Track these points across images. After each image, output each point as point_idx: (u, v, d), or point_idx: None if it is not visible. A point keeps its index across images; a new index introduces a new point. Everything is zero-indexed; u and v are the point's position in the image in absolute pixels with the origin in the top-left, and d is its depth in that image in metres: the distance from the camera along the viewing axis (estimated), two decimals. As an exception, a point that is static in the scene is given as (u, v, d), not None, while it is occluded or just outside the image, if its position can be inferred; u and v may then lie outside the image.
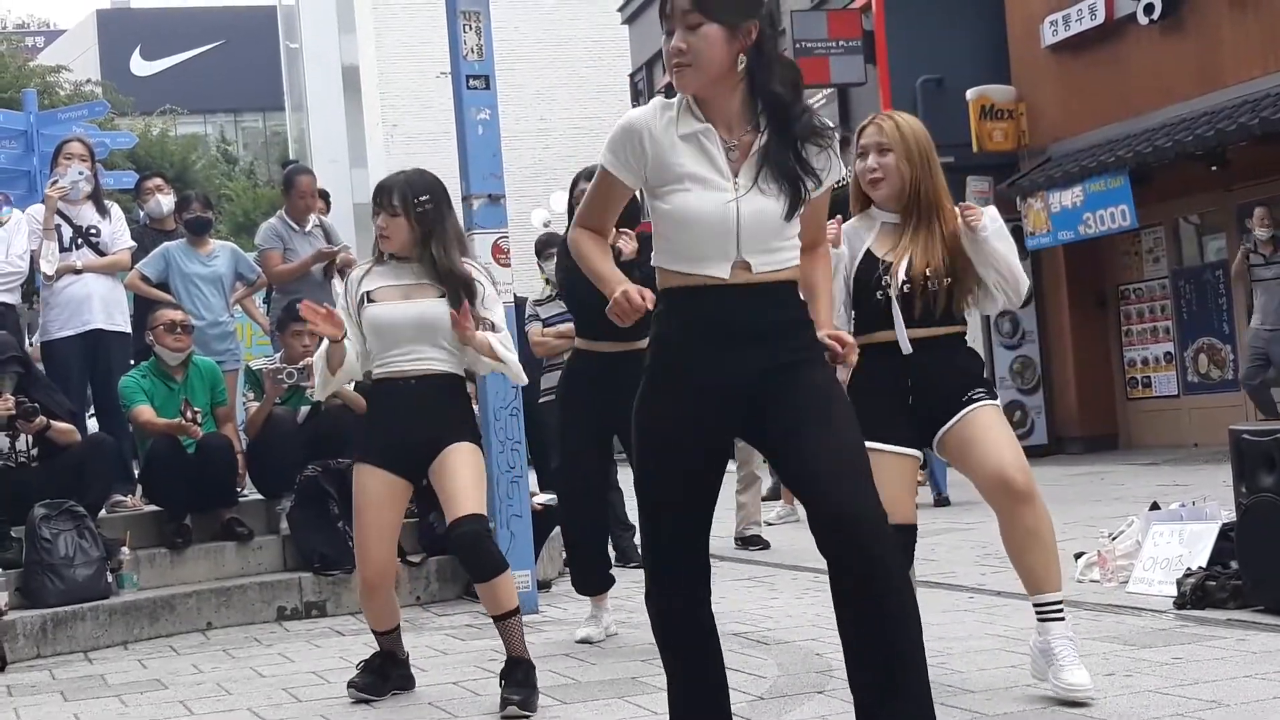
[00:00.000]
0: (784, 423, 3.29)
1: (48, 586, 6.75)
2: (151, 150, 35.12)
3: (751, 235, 3.26)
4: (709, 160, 3.28)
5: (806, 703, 4.51)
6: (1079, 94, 15.15)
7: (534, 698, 4.71)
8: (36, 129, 11.32)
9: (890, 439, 4.35)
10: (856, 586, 3.15)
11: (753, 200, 3.26)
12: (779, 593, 6.97)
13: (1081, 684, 4.18)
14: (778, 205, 3.27)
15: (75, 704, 5.39)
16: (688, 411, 3.32)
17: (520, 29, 32.45)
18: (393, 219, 4.99)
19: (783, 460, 3.36)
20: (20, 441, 7.10)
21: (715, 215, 3.25)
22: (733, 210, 3.25)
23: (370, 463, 4.96)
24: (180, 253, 8.87)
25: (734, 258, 3.26)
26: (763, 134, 3.30)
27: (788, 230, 3.32)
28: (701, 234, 3.26)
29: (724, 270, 3.26)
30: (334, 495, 7.44)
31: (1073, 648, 4.27)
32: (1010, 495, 4.30)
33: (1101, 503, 9.58)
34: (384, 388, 5.02)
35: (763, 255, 3.28)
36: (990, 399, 4.41)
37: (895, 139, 4.42)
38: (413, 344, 4.96)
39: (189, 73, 55.98)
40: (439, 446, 4.93)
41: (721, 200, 3.25)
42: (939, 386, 4.38)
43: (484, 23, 7.02)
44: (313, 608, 7.34)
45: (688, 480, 3.37)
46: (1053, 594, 4.34)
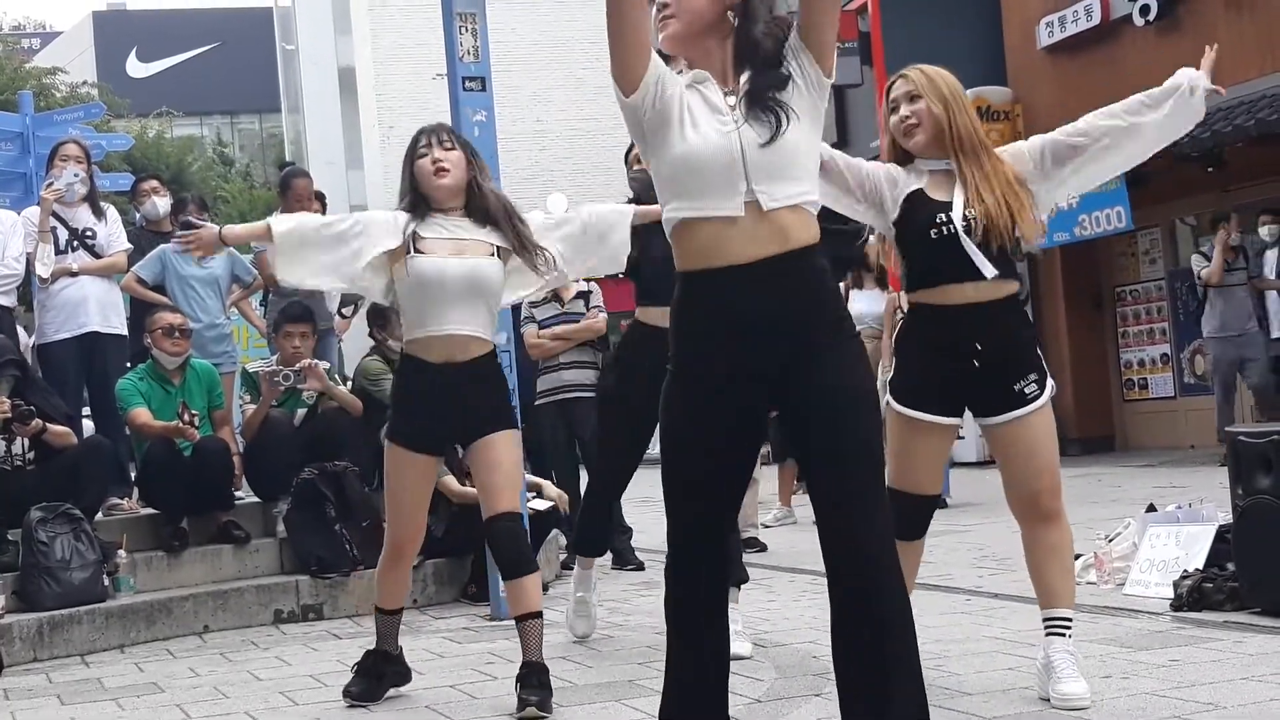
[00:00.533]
0: (806, 436, 3.29)
1: (44, 590, 6.74)
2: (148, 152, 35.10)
3: (756, 161, 3.25)
4: (708, 102, 3.32)
5: (804, 705, 4.51)
6: (1075, 95, 15.12)
7: (550, 700, 4.70)
8: (32, 131, 11.31)
9: (934, 408, 4.30)
10: (860, 627, 3.19)
11: (750, 132, 3.27)
12: (776, 595, 6.96)
13: (1075, 694, 4.17)
14: (771, 133, 3.27)
15: (72, 708, 5.38)
16: (713, 400, 3.30)
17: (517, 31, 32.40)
18: (449, 152, 4.91)
19: (806, 474, 3.36)
20: (16, 444, 7.09)
21: (718, 143, 3.26)
22: (735, 140, 3.27)
23: (401, 444, 4.91)
24: (176, 255, 8.86)
25: (743, 190, 3.25)
26: (745, 76, 3.34)
27: (796, 157, 3.30)
28: (708, 167, 3.26)
29: (736, 205, 3.24)
30: (330, 498, 7.45)
31: (1072, 661, 4.27)
32: (1037, 514, 4.33)
33: (1098, 504, 9.59)
34: (419, 368, 4.88)
35: (771, 185, 3.26)
36: (1041, 392, 4.30)
37: (924, 84, 4.35)
38: (458, 306, 4.82)
39: (185, 74, 55.92)
40: (476, 434, 4.90)
41: (721, 128, 3.28)
42: (994, 362, 4.25)
43: (480, 24, 7.01)
44: (310, 611, 7.33)
45: (713, 473, 3.35)
46: (1064, 610, 4.34)
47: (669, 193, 3.35)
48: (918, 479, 4.37)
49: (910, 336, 4.41)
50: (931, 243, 4.25)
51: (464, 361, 4.85)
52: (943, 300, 4.28)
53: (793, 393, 3.28)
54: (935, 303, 4.29)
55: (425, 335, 4.86)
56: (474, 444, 4.93)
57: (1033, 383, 4.30)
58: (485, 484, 4.92)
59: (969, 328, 4.24)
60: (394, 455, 4.95)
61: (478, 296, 4.85)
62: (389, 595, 5.17)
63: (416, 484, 4.97)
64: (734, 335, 3.27)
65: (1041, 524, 4.34)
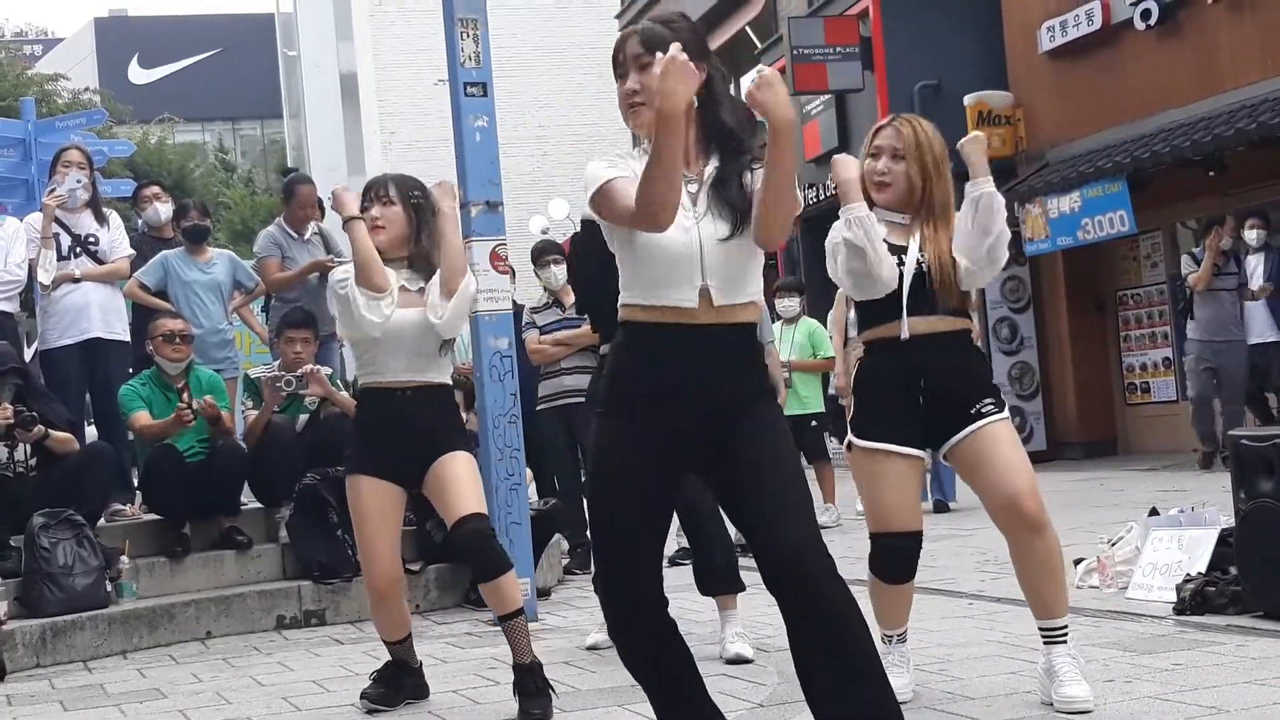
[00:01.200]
0: (737, 467, 3.36)
1: (47, 596, 6.74)
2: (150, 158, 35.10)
3: (713, 261, 3.34)
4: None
5: (805, 711, 4.48)
6: (1076, 100, 15.15)
7: (551, 706, 4.70)
8: (34, 137, 11.32)
9: (896, 439, 4.34)
10: (802, 622, 3.27)
11: (710, 226, 3.35)
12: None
13: (1078, 696, 4.18)
14: (730, 230, 3.35)
15: (74, 713, 5.38)
16: (640, 443, 3.39)
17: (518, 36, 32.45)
18: (388, 208, 4.97)
19: (731, 503, 3.45)
20: (19, 451, 7.10)
21: (679, 241, 3.33)
22: (695, 235, 3.34)
23: (364, 473, 4.93)
24: (179, 261, 8.86)
25: (699, 284, 3.33)
26: (713, 164, 3.40)
27: (747, 260, 3.40)
28: (667, 260, 3.33)
29: (691, 298, 3.33)
30: (333, 503, 7.44)
31: (1074, 664, 4.28)
32: (1021, 524, 4.31)
33: (1101, 508, 9.58)
34: (376, 397, 4.99)
35: (726, 284, 3.36)
36: (999, 412, 4.36)
37: (910, 146, 4.40)
38: (411, 353, 4.93)
39: (187, 81, 55.97)
40: (432, 456, 4.92)
41: (683, 226, 3.33)
42: (949, 390, 4.34)
43: (482, 30, 7.02)
44: (312, 616, 7.33)
45: (638, 505, 3.42)
46: (1060, 619, 4.34)
47: (626, 276, 3.43)
48: (892, 517, 4.39)
49: (866, 373, 4.49)
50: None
51: (421, 386, 4.95)
52: (891, 334, 4.37)
53: (722, 434, 3.36)
54: (885, 336, 4.39)
55: (382, 376, 4.96)
56: (429, 470, 4.93)
57: (990, 404, 4.37)
58: (444, 496, 4.92)
59: (916, 356, 4.34)
60: (359, 488, 4.94)
61: (431, 347, 4.95)
62: (389, 630, 5.14)
63: (386, 514, 4.94)
64: (666, 382, 3.36)
65: (1028, 533, 4.31)
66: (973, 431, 4.32)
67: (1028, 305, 16.12)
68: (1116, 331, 16.06)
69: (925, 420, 4.37)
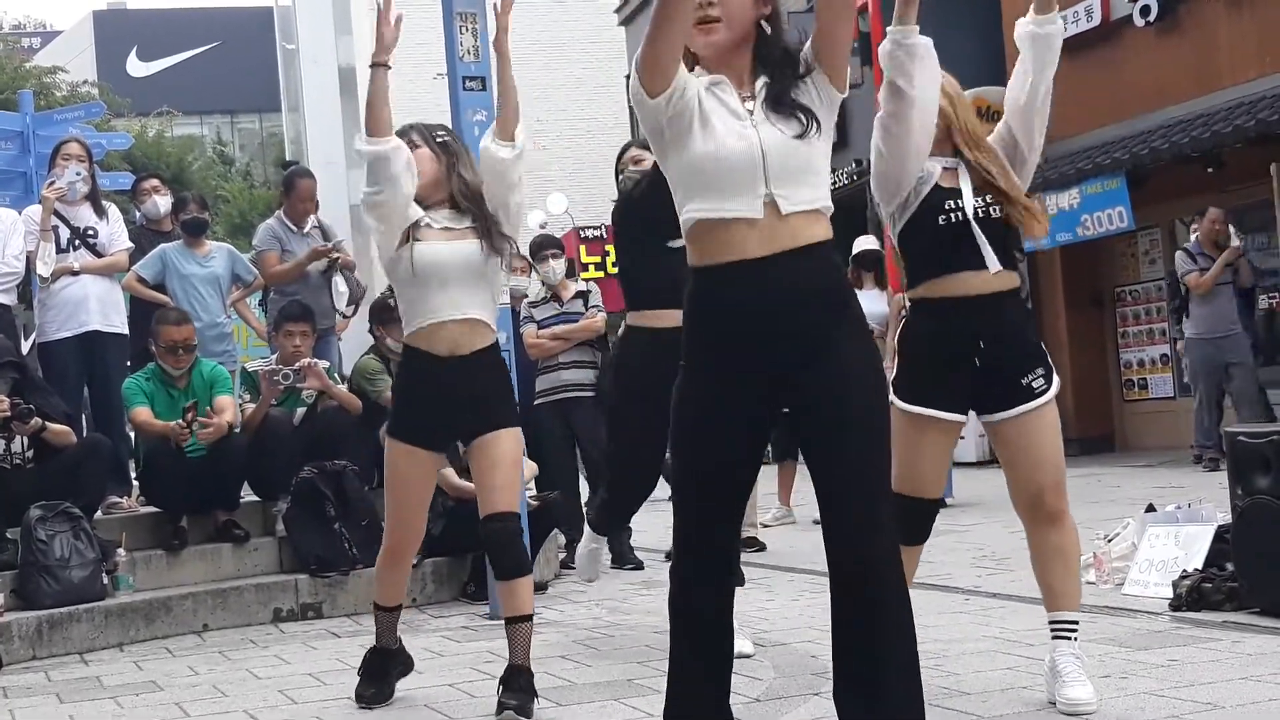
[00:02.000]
0: (815, 425, 3.30)
1: (43, 588, 6.74)
2: (148, 151, 35.08)
3: (776, 164, 3.28)
4: (725, 105, 3.35)
5: (802, 705, 4.51)
6: (1075, 96, 15.12)
7: (531, 704, 4.69)
8: (33, 130, 11.29)
9: (939, 404, 4.26)
10: (859, 613, 3.21)
11: (770, 130, 3.31)
12: (775, 595, 6.97)
13: (1081, 699, 4.16)
14: (793, 132, 3.31)
15: (71, 706, 5.38)
16: (725, 397, 3.31)
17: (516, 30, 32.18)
18: (416, 150, 4.89)
19: (810, 464, 3.37)
20: (16, 443, 7.10)
21: (738, 146, 3.29)
22: (754, 138, 3.29)
23: (402, 439, 4.88)
24: (177, 254, 8.86)
25: (762, 193, 3.26)
26: (763, 79, 3.38)
27: (812, 162, 3.34)
28: (728, 166, 3.28)
29: (755, 208, 3.26)
30: (330, 497, 7.45)
31: (1078, 665, 4.25)
32: (1041, 514, 4.30)
33: (1098, 504, 9.58)
34: (422, 362, 4.83)
35: (790, 188, 3.28)
36: (1048, 387, 4.28)
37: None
38: (457, 289, 4.80)
39: (185, 74, 55.93)
40: (479, 430, 4.85)
41: (741, 130, 3.30)
42: (1003, 356, 4.23)
43: (480, 24, 7.02)
44: (309, 609, 7.33)
45: (723, 467, 3.35)
46: (1070, 613, 4.32)
47: (686, 192, 3.36)
48: (921, 482, 4.33)
49: (913, 333, 4.38)
50: (938, 229, 4.23)
51: (469, 354, 4.81)
52: (945, 292, 4.25)
53: (805, 384, 3.28)
54: (938, 295, 4.27)
55: (429, 324, 4.81)
56: (475, 441, 4.89)
57: (1040, 376, 4.28)
58: (484, 483, 4.88)
59: (973, 320, 4.22)
60: (395, 451, 4.91)
61: (478, 279, 4.83)
62: (388, 593, 5.15)
63: (418, 482, 4.94)
64: (746, 329, 3.28)
65: (1046, 525, 4.30)
66: (1019, 414, 4.24)
67: (1026, 301, 16.09)
68: (1114, 328, 16.06)
69: (972, 383, 4.26)
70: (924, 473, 4.33)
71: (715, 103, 3.34)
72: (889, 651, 3.20)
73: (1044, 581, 4.37)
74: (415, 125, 5.06)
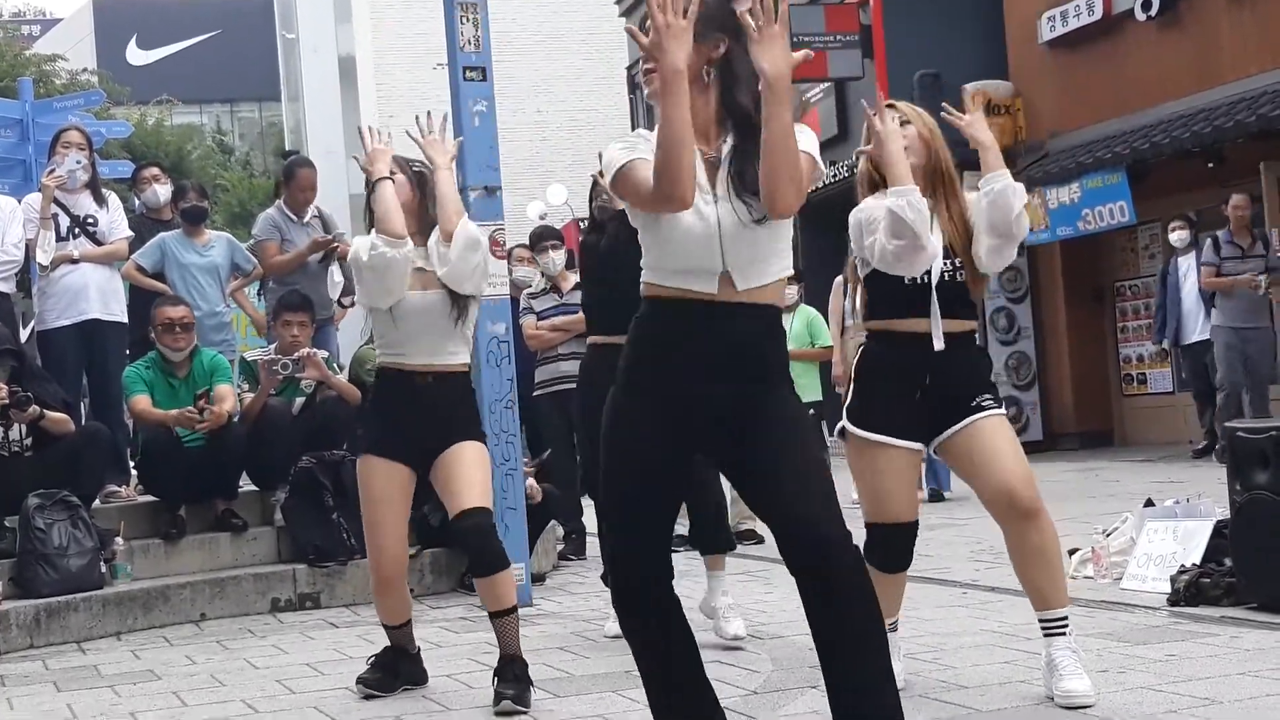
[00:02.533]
0: (757, 449, 3.34)
1: (41, 576, 6.74)
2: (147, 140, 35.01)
3: (733, 245, 3.30)
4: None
5: (800, 697, 4.51)
6: (1077, 90, 15.14)
7: (527, 693, 4.69)
8: (32, 118, 11.27)
9: (897, 432, 4.32)
10: (825, 601, 3.26)
11: (729, 210, 3.31)
12: (773, 587, 6.97)
13: (1078, 690, 4.16)
14: (750, 215, 3.30)
15: (68, 694, 5.38)
16: (654, 418, 3.36)
17: (517, 21, 32.38)
18: (395, 177, 4.92)
19: (751, 484, 3.42)
20: (14, 431, 7.09)
21: (697, 226, 3.29)
22: (713, 218, 3.30)
23: (376, 454, 4.91)
24: (176, 243, 8.85)
25: (719, 270, 3.30)
26: (728, 144, 3.36)
27: (770, 241, 3.36)
28: (686, 246, 3.30)
29: (711, 285, 3.30)
30: (328, 487, 7.45)
31: (1074, 657, 4.25)
32: (1016, 512, 4.28)
33: (1096, 499, 9.59)
34: (395, 379, 4.93)
35: (747, 267, 3.32)
36: (998, 407, 4.35)
37: (911, 113, 4.44)
38: (430, 334, 4.87)
39: (185, 62, 55.81)
40: (446, 444, 4.89)
41: (700, 211, 3.29)
42: (952, 386, 4.32)
43: (481, 14, 7.01)
44: (307, 599, 7.33)
45: (650, 487, 3.41)
46: (1058, 610, 4.32)
47: (648, 253, 3.39)
48: (889, 507, 4.36)
49: (869, 360, 4.45)
50: (903, 285, 4.31)
51: (444, 373, 4.91)
52: (903, 329, 4.35)
53: (742, 420, 3.33)
54: (896, 330, 4.37)
55: (404, 359, 4.91)
56: (438, 458, 4.90)
57: (988, 399, 4.35)
58: (449, 488, 4.88)
59: (928, 353, 4.30)
60: (369, 469, 4.92)
61: (448, 325, 4.88)
62: (391, 614, 5.12)
63: (397, 500, 4.92)
64: (690, 360, 3.32)
65: (1022, 522, 4.29)
66: (968, 424, 4.30)
67: (1025, 295, 16.11)
68: (1114, 322, 16.06)
69: (927, 413, 4.34)
70: (889, 497, 4.36)
71: None
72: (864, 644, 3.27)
73: (1028, 582, 4.37)
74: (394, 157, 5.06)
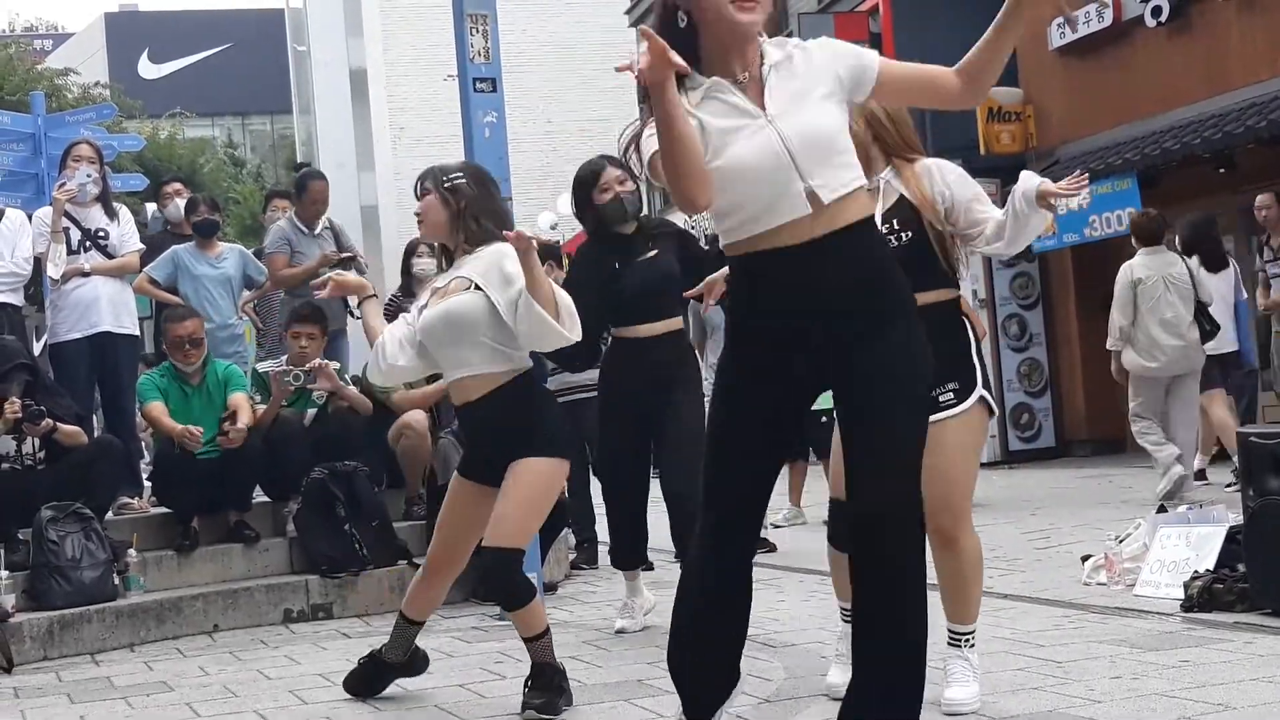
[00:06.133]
0: (852, 402, 3.30)
1: (54, 588, 6.76)
2: (159, 153, 35.18)
3: (805, 154, 3.20)
4: (732, 109, 3.25)
5: (812, 705, 4.50)
6: (1086, 96, 15.12)
7: (558, 701, 4.66)
8: (44, 132, 11.30)
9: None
10: (874, 579, 3.21)
11: (787, 121, 3.23)
12: (785, 595, 6.96)
13: (958, 699, 4.21)
14: (810, 114, 3.24)
15: (81, 706, 5.39)
16: (764, 374, 3.30)
17: (527, 31, 32.42)
18: (424, 198, 4.88)
19: (844, 442, 3.38)
20: (27, 444, 7.11)
21: (759, 152, 3.20)
22: (773, 136, 3.21)
23: (458, 471, 5.04)
24: (189, 255, 8.88)
25: (802, 186, 3.19)
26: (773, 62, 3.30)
27: (836, 141, 3.27)
28: (760, 175, 3.20)
29: (800, 206, 3.19)
30: (340, 498, 7.46)
31: (966, 666, 4.28)
32: (937, 537, 4.17)
33: (1109, 505, 9.56)
34: (458, 407, 4.98)
35: (826, 174, 3.21)
36: (959, 402, 4.22)
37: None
38: (452, 348, 4.79)
39: (197, 76, 56.01)
40: (516, 454, 4.76)
41: (756, 131, 3.21)
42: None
43: (491, 25, 7.02)
44: (319, 610, 7.34)
45: (760, 443, 3.35)
46: (962, 625, 4.33)
47: (721, 211, 3.28)
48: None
49: None
50: None
51: (476, 400, 4.81)
52: None
53: (845, 368, 3.25)
54: None
55: (448, 378, 4.94)
56: (508, 470, 4.80)
57: (951, 392, 4.23)
58: (495, 513, 4.76)
59: None
60: (454, 486, 5.03)
61: (464, 337, 4.75)
62: (415, 606, 5.13)
63: (460, 510, 4.95)
64: (792, 309, 3.24)
65: (941, 549, 4.24)
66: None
67: (1037, 302, 16.08)
68: (1126, 329, 16.00)
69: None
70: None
71: (720, 111, 3.26)
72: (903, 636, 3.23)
73: (942, 592, 4.34)
74: (431, 171, 4.98)
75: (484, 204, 4.88)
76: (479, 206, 4.85)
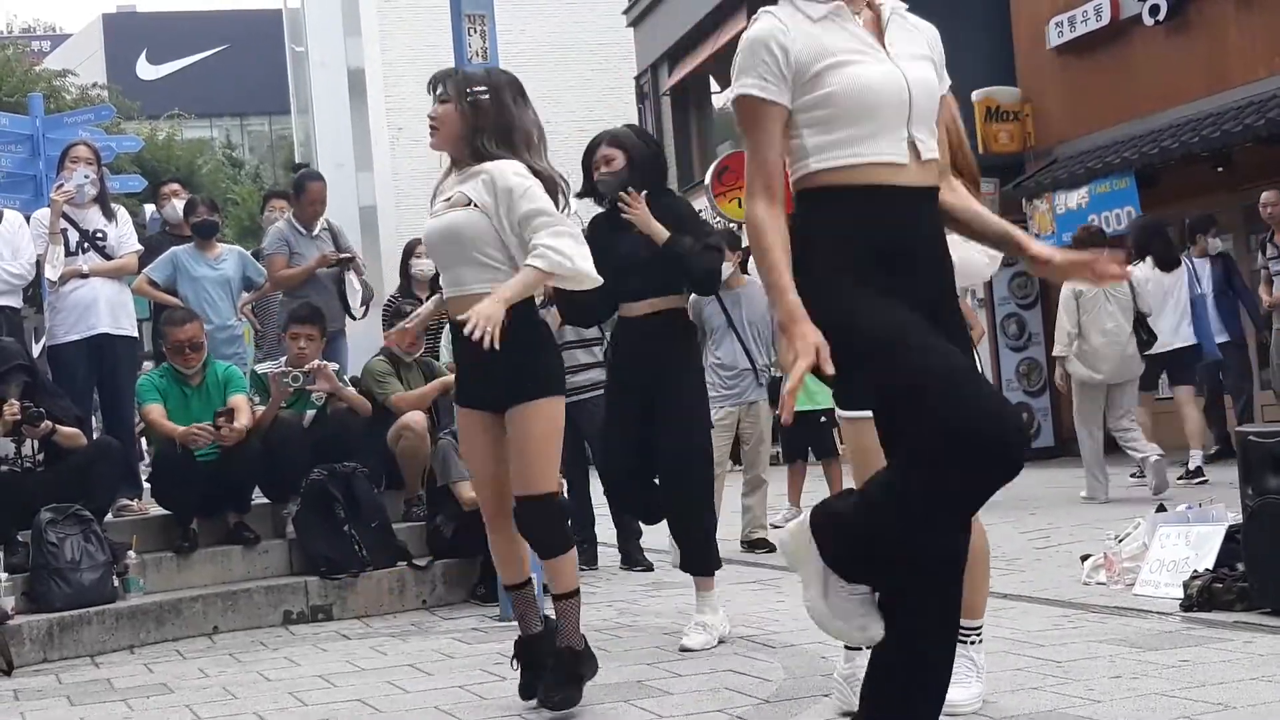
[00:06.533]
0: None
1: (54, 590, 6.75)
2: (157, 154, 35.17)
3: (920, 106, 3.11)
4: (854, 36, 3.12)
5: (812, 706, 4.50)
6: (1085, 95, 15.13)
7: (575, 693, 4.61)
8: (42, 133, 11.31)
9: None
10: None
11: (911, 66, 3.13)
12: (785, 596, 6.96)
13: (956, 700, 4.15)
14: (930, 73, 3.17)
15: (81, 708, 5.39)
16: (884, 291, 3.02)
17: (525, 32, 32.42)
18: (442, 105, 4.66)
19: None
20: (26, 446, 7.11)
21: (888, 83, 3.07)
22: (900, 76, 3.09)
23: (461, 403, 4.81)
24: (188, 257, 8.88)
25: (906, 135, 3.09)
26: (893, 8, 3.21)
27: (936, 111, 3.22)
28: (878, 105, 3.05)
29: (900, 151, 3.06)
30: (340, 499, 7.46)
31: (969, 664, 4.25)
32: None
33: (1108, 505, 9.56)
34: (455, 329, 4.59)
35: (926, 134, 3.13)
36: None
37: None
38: (450, 265, 4.65)
39: (195, 76, 56.06)
40: (506, 404, 4.61)
41: (888, 66, 3.09)
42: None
43: (489, 26, 7.02)
44: (319, 611, 7.34)
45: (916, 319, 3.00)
46: (972, 620, 4.29)
47: (824, 132, 3.07)
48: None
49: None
50: None
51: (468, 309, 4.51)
52: None
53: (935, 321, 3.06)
54: None
55: (447, 296, 4.74)
56: (507, 414, 4.65)
57: None
58: (513, 464, 4.64)
59: None
60: (461, 420, 4.85)
61: (465, 252, 4.58)
62: (504, 567, 4.94)
63: (484, 443, 4.73)
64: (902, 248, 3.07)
65: None
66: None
67: (1035, 302, 16.09)
68: (1124, 327, 16.01)
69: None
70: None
71: (842, 36, 3.10)
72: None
73: None
74: (453, 74, 4.77)
75: (502, 123, 4.65)
76: (496, 126, 4.64)
